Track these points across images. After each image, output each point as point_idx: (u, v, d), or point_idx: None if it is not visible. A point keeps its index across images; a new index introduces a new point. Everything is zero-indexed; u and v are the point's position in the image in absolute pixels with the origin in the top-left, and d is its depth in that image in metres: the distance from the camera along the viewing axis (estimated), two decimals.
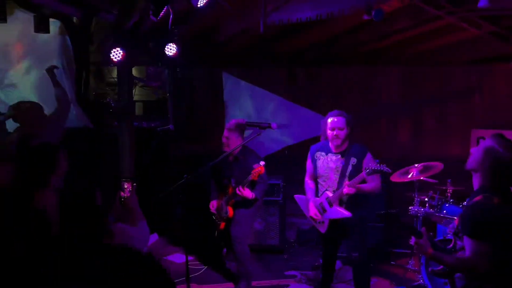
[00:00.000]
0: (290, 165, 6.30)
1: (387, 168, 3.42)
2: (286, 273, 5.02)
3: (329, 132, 3.64)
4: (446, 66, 5.89)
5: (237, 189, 4.12)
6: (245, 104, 6.48)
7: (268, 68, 6.39)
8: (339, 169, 3.68)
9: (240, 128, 4.34)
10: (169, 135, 5.61)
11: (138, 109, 6.32)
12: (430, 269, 2.63)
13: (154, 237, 5.93)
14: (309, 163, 3.87)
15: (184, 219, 5.68)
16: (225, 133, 4.30)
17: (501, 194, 2.36)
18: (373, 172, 3.45)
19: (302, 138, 6.30)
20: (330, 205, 3.65)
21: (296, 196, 4.10)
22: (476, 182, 2.46)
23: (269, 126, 3.32)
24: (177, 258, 5.50)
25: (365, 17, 3.70)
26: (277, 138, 6.42)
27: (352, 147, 3.71)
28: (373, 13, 3.63)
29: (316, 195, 3.82)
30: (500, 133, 2.44)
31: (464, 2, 3.51)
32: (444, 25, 4.22)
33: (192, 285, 3.76)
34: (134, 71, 5.57)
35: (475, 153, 2.45)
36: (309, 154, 3.87)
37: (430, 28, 4.40)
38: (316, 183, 3.83)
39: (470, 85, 5.88)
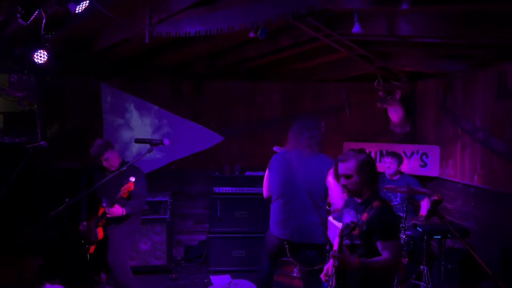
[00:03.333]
0: (177, 180, 6.15)
1: None
2: None
3: None
4: (321, 83, 6.37)
5: (106, 209, 3.92)
6: (127, 116, 6.14)
7: (153, 80, 6.17)
8: None
9: (110, 144, 4.20)
10: (41, 152, 5.05)
11: None
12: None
13: None
14: None
15: (59, 243, 5.20)
16: (103, 156, 4.09)
17: (379, 197, 2.70)
18: None
19: (188, 153, 6.19)
20: None
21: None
22: (363, 197, 2.73)
23: (162, 143, 3.17)
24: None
25: (251, 34, 3.81)
26: (162, 153, 6.20)
27: None
28: (259, 32, 3.76)
29: None
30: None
31: (338, 27, 3.82)
32: (320, 46, 4.55)
33: None
34: None
35: (351, 180, 2.67)
36: None
37: (309, 48, 4.70)
38: None
39: (341, 101, 6.43)
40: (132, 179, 3.91)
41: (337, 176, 2.76)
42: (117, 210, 3.95)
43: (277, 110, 6.38)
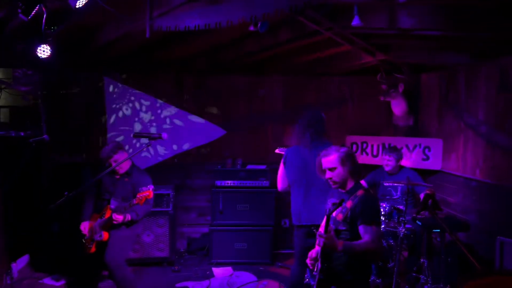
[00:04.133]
0: (180, 174, 6.19)
1: None
2: (178, 285, 4.89)
3: None
4: (323, 76, 6.36)
5: (113, 215, 3.86)
6: (130, 110, 6.18)
7: (155, 74, 6.19)
8: None
9: (120, 146, 4.20)
10: (44, 145, 5.10)
11: (4, 116, 5.61)
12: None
13: (26, 259, 5.31)
14: None
15: (61, 238, 5.27)
16: (113, 158, 4.06)
17: (362, 187, 2.92)
18: None
19: (191, 146, 6.22)
20: None
21: None
22: (347, 187, 2.94)
23: (160, 137, 3.18)
24: (55, 280, 4.99)
25: (251, 28, 3.82)
26: (166, 146, 6.24)
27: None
28: (258, 25, 3.76)
29: None
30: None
31: (339, 20, 3.81)
32: (322, 39, 4.54)
33: None
34: None
35: (336, 172, 2.91)
36: None
37: (310, 41, 4.68)
38: None
39: (344, 94, 6.43)
40: (151, 187, 3.85)
41: (321, 171, 2.96)
42: (127, 217, 3.93)
43: (279, 104, 6.38)
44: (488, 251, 3.98)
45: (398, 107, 6.01)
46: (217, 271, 5.30)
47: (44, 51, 4.32)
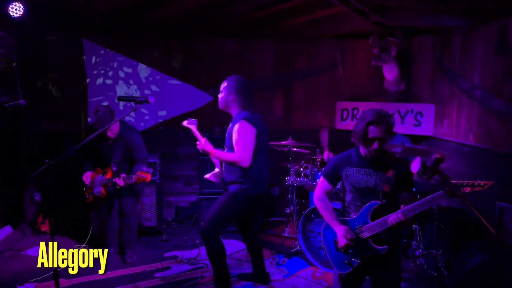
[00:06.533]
0: (166, 142, 6.00)
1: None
2: (166, 254, 4.79)
3: None
4: (314, 41, 6.14)
5: (116, 179, 4.09)
6: (113, 76, 5.89)
7: (139, 37, 5.88)
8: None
9: (113, 112, 4.22)
10: (21, 111, 4.86)
11: None
12: None
13: (7, 230, 5.14)
14: None
15: (47, 204, 5.16)
16: (109, 129, 4.15)
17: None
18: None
19: (177, 113, 6.00)
20: None
21: None
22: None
23: (146, 100, 3.00)
24: (37, 251, 4.83)
25: None
26: (151, 113, 6.01)
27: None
28: None
29: None
30: None
31: None
32: None
33: (61, 280, 3.30)
34: None
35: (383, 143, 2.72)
36: None
37: (302, 1, 4.46)
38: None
39: (335, 59, 6.24)
40: (150, 170, 4.07)
41: (368, 141, 2.69)
42: (123, 183, 4.13)
43: (269, 69, 6.18)
44: (485, 217, 3.95)
45: (390, 72, 5.87)
46: None
47: (16, 9, 4.03)
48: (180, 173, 6.15)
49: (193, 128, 3.57)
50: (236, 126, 3.52)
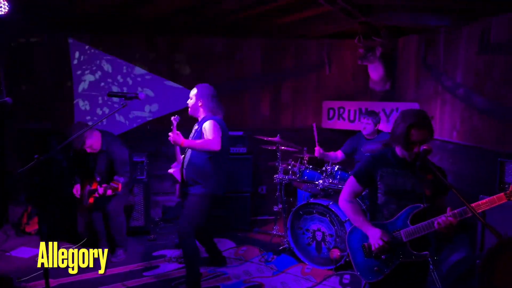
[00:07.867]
0: (154, 141, 5.97)
1: None
2: (155, 253, 4.77)
3: None
4: (302, 39, 6.19)
5: (100, 189, 4.14)
6: (98, 75, 5.84)
7: (126, 35, 5.84)
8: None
9: (86, 127, 4.18)
10: (6, 109, 4.79)
11: None
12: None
13: None
14: None
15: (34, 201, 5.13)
16: (86, 145, 4.27)
17: None
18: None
19: (164, 112, 5.98)
20: None
21: None
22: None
23: (136, 96, 2.98)
24: (24, 252, 4.77)
25: None
26: (138, 112, 5.98)
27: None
28: None
29: None
30: None
31: None
32: None
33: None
34: None
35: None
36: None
37: (291, 1, 4.50)
38: None
39: (322, 58, 6.30)
40: (122, 179, 4.16)
41: (410, 144, 2.47)
42: (109, 192, 4.19)
43: (257, 68, 6.20)
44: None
45: (375, 71, 5.96)
46: None
47: (1, 7, 3.96)
48: (167, 172, 6.11)
49: (174, 123, 3.70)
50: (207, 123, 3.71)
